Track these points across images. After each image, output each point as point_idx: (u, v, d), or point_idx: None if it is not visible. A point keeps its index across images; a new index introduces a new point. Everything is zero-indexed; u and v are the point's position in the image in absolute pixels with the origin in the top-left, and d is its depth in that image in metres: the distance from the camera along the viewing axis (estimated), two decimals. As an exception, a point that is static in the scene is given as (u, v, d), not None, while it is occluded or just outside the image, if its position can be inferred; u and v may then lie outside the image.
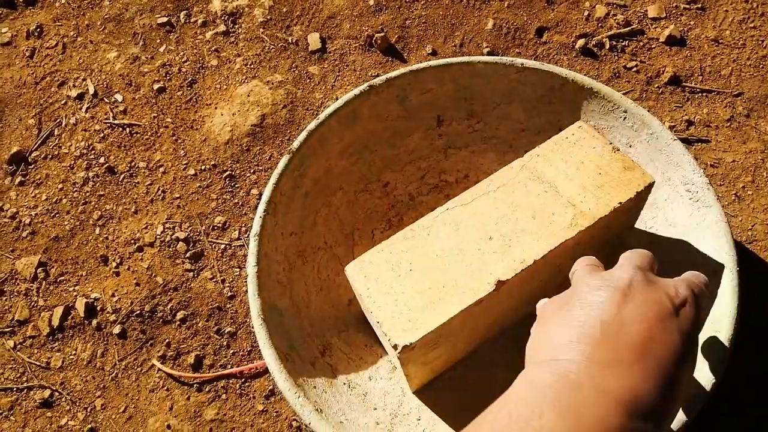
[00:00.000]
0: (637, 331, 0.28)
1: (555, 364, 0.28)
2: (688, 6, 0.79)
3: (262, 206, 0.56)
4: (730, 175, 0.67)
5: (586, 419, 0.25)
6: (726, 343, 0.45)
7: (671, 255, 0.54)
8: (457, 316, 0.44)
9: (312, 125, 0.59)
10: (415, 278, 0.46)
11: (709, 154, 0.69)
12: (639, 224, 0.57)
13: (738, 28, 0.76)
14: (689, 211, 0.53)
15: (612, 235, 0.52)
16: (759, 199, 0.65)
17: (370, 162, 0.65)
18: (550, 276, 0.51)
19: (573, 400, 0.26)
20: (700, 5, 0.78)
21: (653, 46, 0.77)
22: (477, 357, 0.57)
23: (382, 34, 0.80)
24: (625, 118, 0.58)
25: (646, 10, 0.79)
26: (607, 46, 0.77)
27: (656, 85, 0.74)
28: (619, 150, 0.50)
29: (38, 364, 0.69)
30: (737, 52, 0.75)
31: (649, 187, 0.48)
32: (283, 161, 0.58)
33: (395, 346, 0.43)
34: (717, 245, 0.50)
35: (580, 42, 0.77)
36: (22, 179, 0.80)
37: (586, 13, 0.80)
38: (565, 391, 0.26)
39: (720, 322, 0.46)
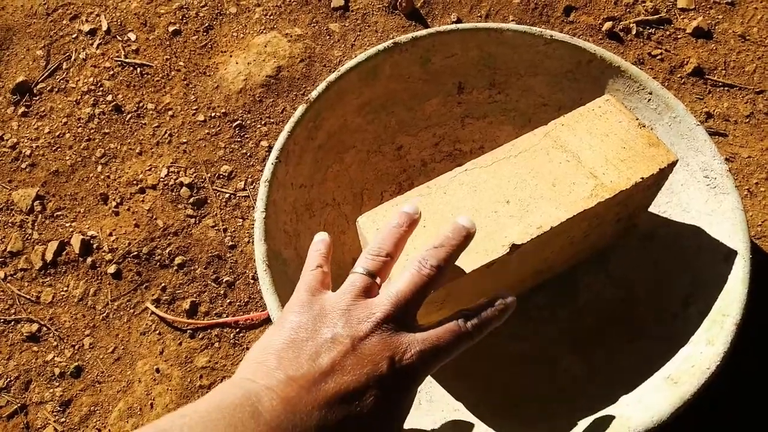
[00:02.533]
0: (339, 383, 0.29)
1: (248, 385, 0.29)
2: (718, 0, 0.78)
3: (274, 153, 0.55)
4: (744, 171, 0.67)
5: None
6: (733, 328, 0.45)
7: (683, 240, 0.54)
8: (468, 275, 0.43)
9: (332, 77, 0.58)
10: (428, 234, 0.45)
11: (726, 148, 0.68)
12: (653, 208, 0.56)
13: (766, 26, 0.75)
14: (705, 197, 0.53)
15: (626, 214, 0.52)
16: (771, 197, 0.65)
17: (386, 123, 0.64)
18: (562, 248, 0.51)
19: (253, 426, 0.27)
20: (729, 0, 0.78)
21: (679, 36, 0.76)
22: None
23: (407, -3, 0.79)
24: (649, 99, 0.57)
25: (676, 0, 0.78)
26: (634, 32, 0.76)
27: (679, 75, 0.73)
28: (644, 126, 0.49)
29: (28, 297, 0.68)
30: (763, 49, 0.74)
31: (671, 165, 0.47)
32: (299, 110, 0.57)
33: (403, 300, 0.42)
34: (731, 232, 0.49)
35: (607, 25, 0.76)
36: (26, 110, 0.78)
37: (615, -3, 0.79)
38: (244, 420, 0.27)
39: (729, 307, 0.46)
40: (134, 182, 0.72)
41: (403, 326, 0.33)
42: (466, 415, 0.50)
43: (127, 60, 0.80)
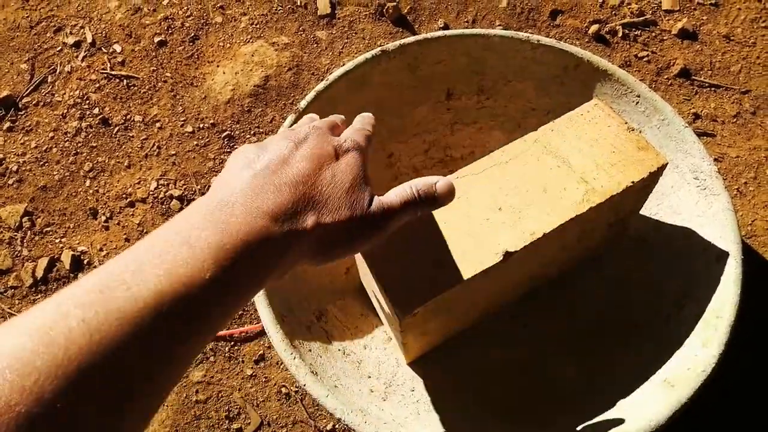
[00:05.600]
0: (296, 168, 0.33)
1: (220, 193, 0.31)
2: (702, 1, 0.78)
3: (264, 164, 0.54)
4: (733, 171, 0.67)
5: (233, 226, 0.29)
6: (726, 329, 0.45)
7: (675, 242, 0.54)
8: (462, 284, 0.43)
9: (320, 86, 0.58)
10: (422, 244, 0.45)
11: (714, 149, 0.69)
12: (644, 211, 0.56)
13: (750, 26, 0.76)
14: (696, 199, 0.53)
15: (618, 218, 0.52)
16: (760, 196, 0.65)
17: (376, 131, 0.64)
18: (554, 253, 0.51)
19: (224, 215, 0.29)
20: (713, 1, 0.78)
21: (665, 38, 0.76)
22: (473, 333, 0.56)
23: (394, 3, 0.79)
24: (637, 102, 0.57)
25: (661, 2, 0.78)
26: (620, 34, 0.76)
27: (666, 77, 0.73)
28: (633, 130, 0.49)
29: (18, 315, 0.67)
30: (747, 50, 0.74)
31: (661, 169, 0.47)
32: (288, 121, 0.56)
33: (398, 312, 0.42)
34: (722, 233, 0.50)
35: (594, 28, 0.76)
36: (11, 125, 0.77)
37: (600, 0, 0.79)
38: (218, 209, 0.30)
39: (722, 308, 0.46)
40: (123, 196, 0.72)
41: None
42: (463, 424, 0.50)
43: (113, 72, 0.79)
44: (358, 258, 0.48)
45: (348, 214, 0.34)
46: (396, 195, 0.37)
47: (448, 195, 0.39)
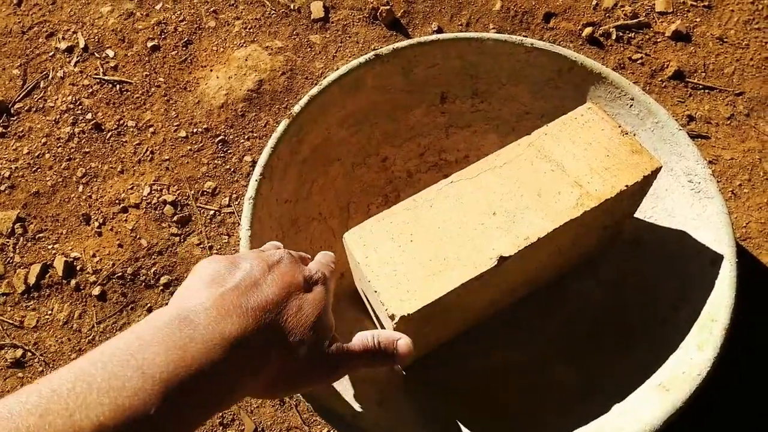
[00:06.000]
0: (266, 293, 0.32)
1: (184, 305, 0.30)
2: (695, 3, 0.79)
3: (258, 170, 0.54)
4: (727, 173, 0.67)
5: (190, 352, 0.27)
6: (722, 332, 0.45)
7: (670, 245, 0.54)
8: (457, 289, 0.43)
9: (314, 91, 0.58)
10: (416, 249, 0.45)
11: (708, 151, 0.69)
12: (638, 214, 0.56)
13: (743, 28, 0.76)
14: (690, 202, 0.53)
15: (612, 221, 0.52)
16: (754, 198, 0.65)
17: (370, 134, 0.64)
18: (549, 258, 0.51)
19: (183, 337, 0.28)
20: (706, 3, 0.78)
21: (659, 40, 0.76)
22: (469, 337, 0.56)
23: (388, 7, 0.79)
24: (631, 105, 0.57)
25: (654, 4, 0.78)
26: (614, 37, 0.76)
27: (660, 79, 0.74)
28: (627, 133, 0.49)
29: (11, 322, 0.66)
30: (741, 51, 0.75)
31: (655, 172, 0.47)
32: (282, 125, 0.56)
33: (392, 316, 0.42)
34: (717, 236, 0.49)
35: (587, 30, 0.76)
36: (3, 131, 0.77)
37: (594, 2, 0.79)
38: (179, 328, 0.28)
39: (717, 312, 0.46)
40: (116, 201, 0.71)
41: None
42: (460, 427, 0.50)
43: (105, 77, 0.79)
44: (353, 263, 0.48)
45: (308, 351, 0.33)
46: (358, 341, 0.36)
47: (407, 355, 0.38)
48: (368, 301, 0.51)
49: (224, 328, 0.29)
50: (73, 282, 0.67)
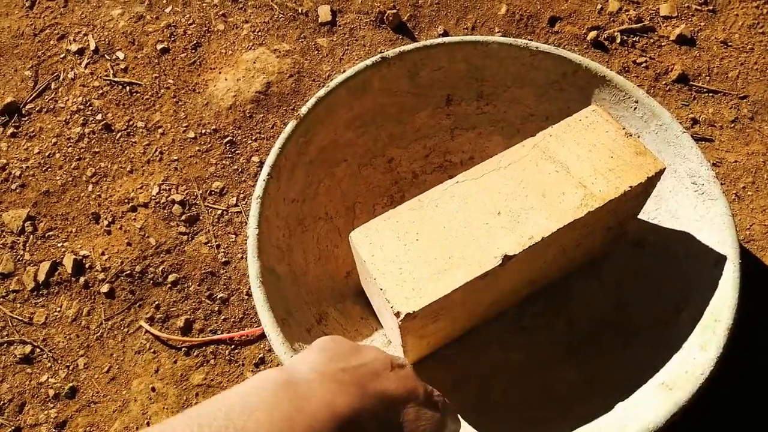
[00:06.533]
0: (385, 385, 0.30)
1: (293, 371, 0.28)
2: (699, 7, 0.79)
3: (266, 170, 0.55)
4: (731, 175, 0.68)
5: (299, 426, 0.25)
6: (724, 333, 0.45)
7: (673, 246, 0.54)
8: (462, 287, 0.43)
9: (321, 93, 0.58)
10: (421, 248, 0.45)
11: (712, 153, 0.69)
12: (642, 215, 0.57)
13: (747, 32, 0.77)
14: (693, 203, 0.54)
15: (616, 222, 0.52)
16: (758, 200, 0.66)
17: (376, 136, 0.64)
18: (554, 258, 0.51)
19: (291, 410, 0.25)
20: (711, 7, 0.79)
21: (663, 43, 0.77)
22: (473, 336, 0.57)
23: (394, 11, 0.79)
24: (635, 108, 0.58)
25: (659, 8, 0.79)
26: (618, 41, 0.77)
27: (664, 82, 0.74)
28: (631, 135, 0.49)
29: (20, 319, 0.67)
30: (745, 55, 0.75)
31: (659, 174, 0.48)
32: (289, 126, 0.57)
33: (398, 314, 0.43)
34: (720, 237, 0.50)
35: (592, 34, 0.77)
36: (15, 131, 0.78)
37: (599, 6, 0.80)
38: (288, 399, 0.26)
39: (720, 312, 0.46)
40: (126, 201, 0.72)
41: None
42: (462, 425, 0.50)
43: (116, 79, 0.80)
44: (359, 261, 0.49)
45: None
46: None
47: None
48: (374, 298, 0.52)
49: (337, 405, 0.27)
50: (81, 279, 0.68)
